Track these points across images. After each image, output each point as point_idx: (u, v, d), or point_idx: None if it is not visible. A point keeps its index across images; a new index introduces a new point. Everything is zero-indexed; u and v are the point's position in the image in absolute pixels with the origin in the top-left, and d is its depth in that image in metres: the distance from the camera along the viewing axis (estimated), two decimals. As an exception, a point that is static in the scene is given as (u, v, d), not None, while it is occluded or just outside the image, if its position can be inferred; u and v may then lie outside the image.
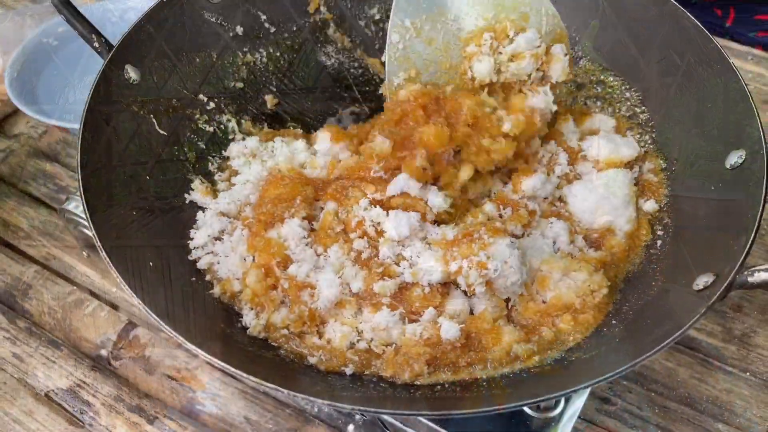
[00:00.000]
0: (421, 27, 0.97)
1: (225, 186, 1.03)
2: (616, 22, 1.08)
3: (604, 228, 0.97)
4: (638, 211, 0.98)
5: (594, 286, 0.89)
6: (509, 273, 0.85)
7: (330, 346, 0.86)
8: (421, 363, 0.82)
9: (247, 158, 1.05)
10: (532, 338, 0.86)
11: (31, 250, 1.20)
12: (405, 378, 0.82)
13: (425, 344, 0.83)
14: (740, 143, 0.85)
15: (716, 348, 1.06)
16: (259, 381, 0.70)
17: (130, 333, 1.09)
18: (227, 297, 0.91)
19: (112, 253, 0.79)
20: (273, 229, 0.94)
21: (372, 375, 0.84)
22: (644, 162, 1.03)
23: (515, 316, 0.89)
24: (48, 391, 1.03)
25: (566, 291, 0.88)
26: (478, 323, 0.86)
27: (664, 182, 1.00)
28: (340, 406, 0.70)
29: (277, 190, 0.96)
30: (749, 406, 1.00)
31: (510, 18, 0.97)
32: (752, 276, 0.72)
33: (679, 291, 0.82)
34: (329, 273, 0.88)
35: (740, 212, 0.80)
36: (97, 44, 0.98)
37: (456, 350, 0.84)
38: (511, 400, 0.71)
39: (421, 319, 0.87)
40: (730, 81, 0.90)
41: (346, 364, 0.84)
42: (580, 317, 0.87)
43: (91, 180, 0.86)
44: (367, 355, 0.85)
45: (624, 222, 0.96)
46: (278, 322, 0.87)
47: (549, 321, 0.88)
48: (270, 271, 0.90)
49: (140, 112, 0.99)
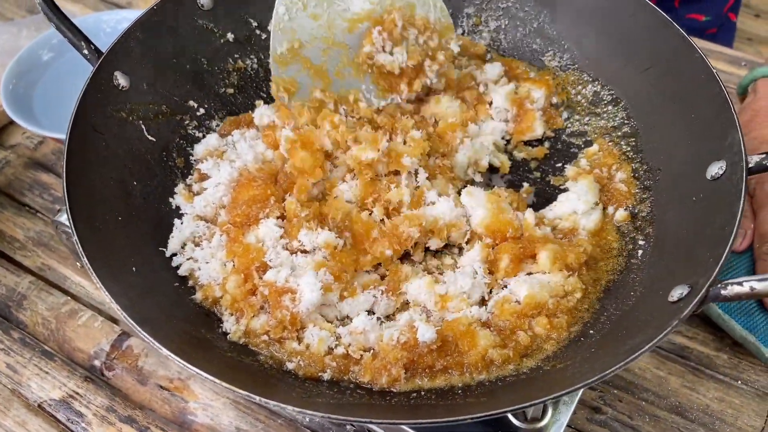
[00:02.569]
0: (307, 2, 1.01)
1: (198, 188, 1.04)
2: (605, 31, 1.09)
3: (573, 226, 1.00)
4: (607, 216, 1.01)
5: (568, 287, 0.90)
6: None
7: (308, 351, 0.87)
8: (399, 367, 0.83)
9: (215, 160, 1.05)
10: (509, 344, 0.87)
11: (26, 260, 1.21)
12: (382, 383, 0.83)
13: (402, 348, 0.85)
14: (721, 154, 0.85)
15: (708, 356, 1.05)
16: (232, 388, 0.71)
17: (124, 343, 1.10)
18: (209, 303, 0.92)
19: (94, 258, 0.80)
20: (250, 232, 0.95)
21: (349, 381, 0.85)
22: (618, 171, 1.04)
23: (492, 320, 0.90)
24: (41, 402, 1.04)
25: (539, 290, 0.89)
26: (454, 326, 0.87)
27: (634, 191, 1.02)
28: (311, 413, 0.70)
29: (250, 192, 0.98)
30: (740, 415, 0.99)
31: (396, 6, 1.02)
32: (725, 289, 0.72)
33: (655, 302, 0.82)
34: (310, 276, 0.89)
35: (718, 224, 0.80)
36: (86, 51, 0.99)
37: (432, 353, 0.85)
38: (487, 409, 0.71)
39: (398, 324, 0.89)
40: (713, 90, 0.89)
41: (324, 370, 0.85)
42: (555, 321, 0.88)
43: (77, 185, 0.87)
44: (344, 361, 0.86)
45: (589, 222, 1.00)
46: (258, 328, 0.88)
47: (525, 323, 0.88)
48: (249, 276, 0.91)
49: (129, 118, 1.00)
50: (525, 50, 1.20)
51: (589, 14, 1.10)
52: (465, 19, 1.23)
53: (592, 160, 1.08)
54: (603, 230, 1.00)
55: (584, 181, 1.03)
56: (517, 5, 1.19)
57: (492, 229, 0.96)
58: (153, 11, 1.05)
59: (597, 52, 1.11)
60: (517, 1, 1.18)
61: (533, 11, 1.18)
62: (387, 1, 1.01)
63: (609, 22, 1.08)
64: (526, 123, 1.12)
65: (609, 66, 1.09)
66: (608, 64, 1.09)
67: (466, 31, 1.23)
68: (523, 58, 1.20)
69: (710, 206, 0.84)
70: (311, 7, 1.01)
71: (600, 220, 1.00)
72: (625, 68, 1.06)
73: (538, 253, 0.93)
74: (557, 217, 1.01)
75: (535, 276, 0.93)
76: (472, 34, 1.23)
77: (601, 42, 1.10)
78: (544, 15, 1.16)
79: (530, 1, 1.17)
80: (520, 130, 1.13)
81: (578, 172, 1.07)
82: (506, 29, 1.21)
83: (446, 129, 1.07)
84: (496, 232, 0.96)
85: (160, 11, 1.06)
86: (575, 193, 1.02)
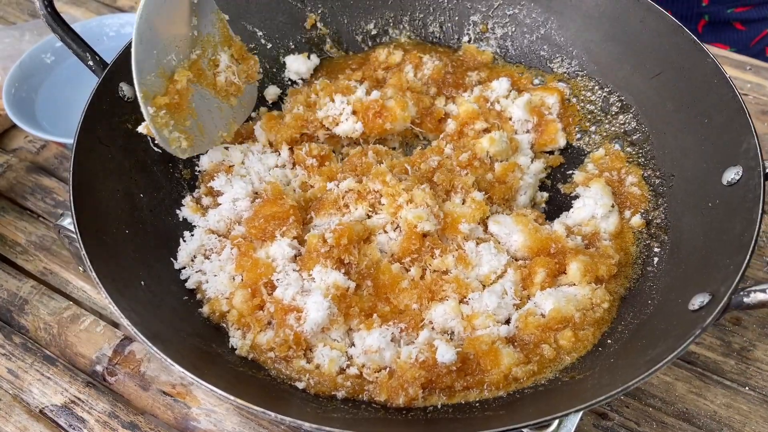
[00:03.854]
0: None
1: (209, 202, 1.03)
2: (614, 37, 1.09)
3: (594, 230, 1.00)
4: (624, 219, 1.01)
5: (596, 299, 0.89)
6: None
7: (319, 370, 0.85)
8: (416, 387, 0.80)
9: (226, 176, 1.04)
10: (533, 358, 0.85)
11: (28, 265, 1.20)
12: (399, 403, 0.81)
13: (420, 367, 0.82)
14: (737, 159, 0.85)
15: (715, 362, 1.05)
16: (245, 404, 0.69)
17: (126, 348, 1.09)
18: (216, 317, 0.91)
19: (102, 272, 0.79)
20: (261, 248, 0.94)
21: (364, 397, 0.84)
22: (628, 175, 1.05)
23: (517, 334, 0.88)
24: (43, 407, 1.03)
25: (566, 304, 0.88)
26: (476, 344, 0.85)
27: (647, 195, 1.02)
28: (328, 429, 0.69)
29: (273, 209, 0.96)
30: (748, 421, 0.99)
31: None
32: (748, 297, 0.72)
33: (674, 310, 0.82)
34: (317, 296, 0.87)
35: (737, 230, 0.80)
36: (91, 62, 0.98)
37: (452, 374, 0.82)
38: (505, 423, 0.70)
39: (416, 341, 0.86)
40: (727, 96, 0.89)
41: (337, 389, 0.83)
42: (581, 333, 0.87)
43: (83, 197, 0.86)
44: (359, 381, 0.84)
45: (609, 224, 1.00)
46: (264, 344, 0.87)
47: (550, 336, 0.87)
48: (257, 291, 0.90)
49: (135, 129, 0.99)
50: (532, 57, 1.20)
51: (597, 20, 1.10)
52: (471, 27, 1.23)
53: (599, 164, 1.08)
54: (623, 232, 1.00)
55: (597, 185, 1.04)
56: (524, 12, 1.19)
57: (535, 249, 0.95)
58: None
59: (606, 58, 1.11)
60: (524, 8, 1.18)
61: (540, 18, 1.18)
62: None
63: (618, 27, 1.08)
64: (548, 134, 1.12)
65: (618, 72, 1.09)
66: (617, 70, 1.09)
67: (473, 38, 1.23)
68: (530, 65, 1.20)
69: (728, 212, 0.84)
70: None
71: (619, 222, 1.00)
72: (634, 74, 1.06)
73: (568, 264, 0.92)
74: (577, 224, 1.01)
75: (560, 289, 0.92)
76: (479, 41, 1.23)
77: (609, 48, 1.10)
78: (552, 21, 1.16)
79: (537, 8, 1.17)
80: (543, 142, 1.12)
81: (588, 177, 1.07)
82: (513, 36, 1.21)
83: (506, 171, 1.05)
84: (539, 251, 0.95)
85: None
86: (590, 198, 1.02)
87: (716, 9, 1.63)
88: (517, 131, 1.12)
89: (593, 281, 0.91)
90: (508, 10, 1.20)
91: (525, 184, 1.05)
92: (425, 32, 1.24)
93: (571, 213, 1.03)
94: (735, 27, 1.65)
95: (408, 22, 1.23)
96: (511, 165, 1.05)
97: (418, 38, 1.24)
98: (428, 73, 1.15)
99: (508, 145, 1.07)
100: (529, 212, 1.01)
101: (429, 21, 1.23)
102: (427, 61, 1.18)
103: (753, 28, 1.66)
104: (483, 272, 0.94)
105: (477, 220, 0.97)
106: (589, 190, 1.04)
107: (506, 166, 1.05)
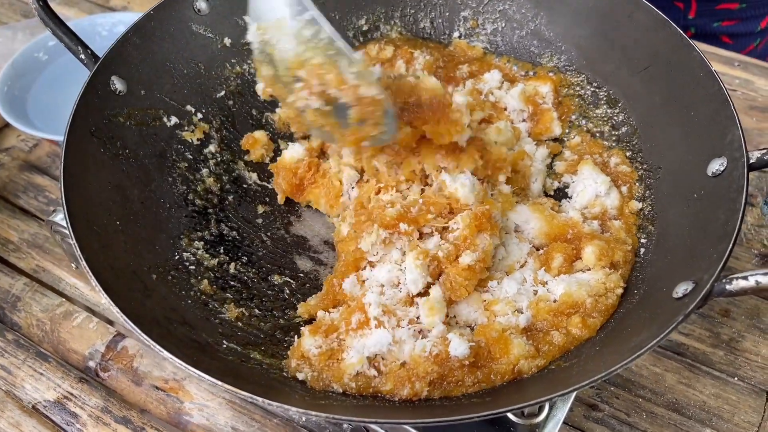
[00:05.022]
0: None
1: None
2: (603, 32, 1.10)
3: (602, 209, 1.00)
4: (622, 195, 1.02)
5: (610, 284, 0.89)
6: None
7: (337, 365, 0.85)
8: (424, 383, 0.80)
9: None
10: (543, 348, 0.85)
11: (20, 262, 1.20)
12: (403, 395, 0.80)
13: (434, 362, 0.81)
14: (721, 151, 0.86)
15: (704, 353, 1.06)
16: (233, 389, 0.70)
17: (119, 344, 1.09)
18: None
19: (92, 263, 0.79)
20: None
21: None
22: (611, 157, 1.06)
23: (532, 323, 0.88)
24: (36, 403, 1.03)
25: (577, 289, 0.88)
26: (487, 332, 0.85)
27: (636, 169, 1.03)
28: (315, 414, 0.69)
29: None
30: (737, 410, 1.00)
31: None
32: (730, 284, 0.72)
33: (659, 299, 0.82)
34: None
35: (721, 220, 0.81)
36: (83, 56, 0.98)
37: (464, 368, 0.81)
38: (490, 408, 0.71)
39: (431, 335, 0.85)
40: (712, 88, 0.90)
41: (341, 387, 0.83)
42: (589, 321, 0.86)
43: (74, 189, 0.87)
44: (366, 380, 0.83)
45: (613, 200, 1.00)
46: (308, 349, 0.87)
47: (562, 321, 0.86)
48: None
49: (126, 123, 1.00)
50: (522, 53, 1.21)
51: (586, 15, 1.11)
52: (462, 23, 1.24)
53: (576, 150, 1.09)
54: (625, 206, 1.00)
55: (586, 166, 1.04)
56: (513, 7, 1.19)
57: (553, 236, 0.96)
58: (149, 16, 1.05)
59: (594, 52, 1.12)
60: (514, 4, 1.19)
61: (530, 13, 1.18)
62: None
63: (606, 22, 1.08)
64: (544, 124, 1.12)
65: (607, 66, 1.10)
66: (606, 65, 1.10)
67: (463, 34, 1.24)
68: (521, 60, 1.21)
69: (712, 202, 0.85)
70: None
71: (620, 196, 1.01)
72: (622, 68, 1.07)
73: (583, 248, 0.92)
74: (584, 207, 1.01)
75: (574, 275, 0.92)
76: (469, 37, 1.24)
77: (598, 43, 1.11)
78: (541, 17, 1.17)
79: (527, 3, 1.18)
80: (539, 131, 1.13)
81: (571, 164, 1.07)
82: (503, 32, 1.22)
83: (516, 159, 1.04)
84: (557, 238, 0.95)
85: (157, 16, 1.06)
86: (587, 179, 1.02)
87: (703, 22, 1.63)
88: (513, 121, 1.13)
89: (608, 266, 0.91)
90: (498, 5, 1.20)
91: (536, 170, 1.06)
92: (416, 28, 1.25)
93: (576, 197, 1.03)
94: (722, 40, 1.65)
95: (399, 18, 1.24)
96: (521, 153, 1.05)
97: (410, 34, 1.24)
98: (419, 67, 1.16)
99: (513, 134, 1.07)
100: (544, 200, 1.02)
101: (420, 17, 1.24)
102: (419, 56, 1.18)
103: (740, 42, 1.66)
104: (507, 263, 0.95)
105: (505, 213, 0.98)
106: (581, 174, 1.04)
107: (516, 155, 1.05)
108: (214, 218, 1.04)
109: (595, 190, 1.01)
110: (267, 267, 1.01)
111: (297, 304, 0.96)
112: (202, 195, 1.05)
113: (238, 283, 0.98)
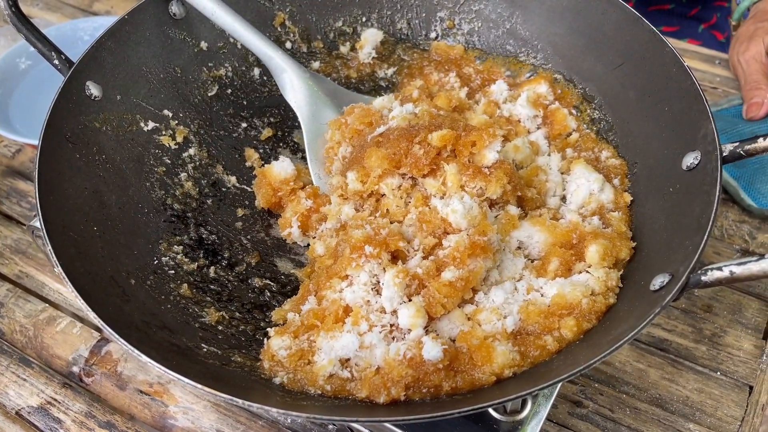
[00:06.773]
0: None
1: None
2: (578, 30, 1.10)
3: (599, 205, 0.99)
4: (615, 188, 1.01)
5: (611, 282, 0.87)
6: None
7: (309, 368, 0.84)
8: (400, 388, 0.78)
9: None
10: (532, 353, 0.82)
11: (3, 268, 1.20)
12: (380, 401, 0.78)
13: (408, 365, 0.79)
14: (695, 145, 0.86)
15: (687, 348, 1.06)
16: (212, 392, 0.70)
17: (103, 349, 1.09)
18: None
19: (69, 268, 0.79)
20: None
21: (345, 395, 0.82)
22: (601, 151, 1.05)
23: (521, 327, 0.85)
24: (19, 409, 1.03)
25: (571, 290, 0.85)
26: (468, 339, 0.82)
27: (625, 162, 1.03)
28: (295, 414, 0.69)
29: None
30: (719, 405, 1.00)
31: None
32: (705, 275, 0.73)
33: (637, 292, 0.83)
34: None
35: (696, 213, 0.81)
36: (57, 61, 0.98)
37: (439, 372, 0.79)
38: (470, 404, 0.70)
39: (406, 338, 0.84)
40: (685, 83, 0.91)
41: (317, 390, 0.82)
42: (584, 325, 0.83)
43: (49, 194, 0.87)
44: (340, 382, 0.82)
45: (608, 195, 0.99)
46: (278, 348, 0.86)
47: (555, 323, 0.83)
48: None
49: (102, 128, 0.99)
50: (499, 52, 1.21)
51: (561, 13, 1.12)
52: (438, 23, 1.24)
53: (575, 146, 1.08)
54: (620, 198, 0.99)
55: (578, 165, 1.02)
56: (489, 7, 1.20)
57: (558, 245, 0.92)
58: (124, 21, 1.05)
59: (570, 50, 1.12)
60: (489, 3, 1.19)
61: (505, 13, 1.19)
62: None
63: (580, 20, 1.09)
64: (559, 123, 1.09)
65: (582, 64, 1.10)
66: (581, 62, 1.11)
67: (440, 34, 1.24)
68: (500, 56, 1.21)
69: (687, 196, 0.85)
70: None
71: (613, 190, 0.99)
72: (598, 65, 1.07)
73: (587, 248, 0.90)
74: (580, 206, 1.00)
75: (569, 278, 0.89)
76: (446, 37, 1.24)
77: (573, 40, 1.11)
78: (516, 16, 1.18)
79: (502, 3, 1.18)
80: (556, 132, 1.10)
81: (567, 161, 1.05)
82: (480, 31, 1.22)
83: (531, 176, 1.02)
84: (563, 246, 0.92)
85: (132, 20, 1.06)
86: (579, 178, 1.00)
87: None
88: (530, 130, 1.10)
89: (611, 265, 0.89)
90: (473, 5, 1.21)
91: (553, 184, 1.03)
92: (393, 29, 1.25)
93: (570, 198, 1.01)
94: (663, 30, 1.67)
95: (376, 20, 1.24)
96: (534, 170, 1.03)
97: (387, 35, 1.25)
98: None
99: (531, 150, 1.05)
100: (542, 211, 0.99)
101: (397, 18, 1.24)
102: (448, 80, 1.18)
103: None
104: (500, 281, 0.92)
105: (507, 234, 0.94)
106: (574, 173, 1.02)
107: (529, 172, 1.02)
108: (193, 222, 1.04)
109: (588, 188, 0.99)
110: (247, 270, 1.01)
111: (278, 306, 0.96)
112: (180, 199, 1.05)
113: (218, 287, 0.98)
